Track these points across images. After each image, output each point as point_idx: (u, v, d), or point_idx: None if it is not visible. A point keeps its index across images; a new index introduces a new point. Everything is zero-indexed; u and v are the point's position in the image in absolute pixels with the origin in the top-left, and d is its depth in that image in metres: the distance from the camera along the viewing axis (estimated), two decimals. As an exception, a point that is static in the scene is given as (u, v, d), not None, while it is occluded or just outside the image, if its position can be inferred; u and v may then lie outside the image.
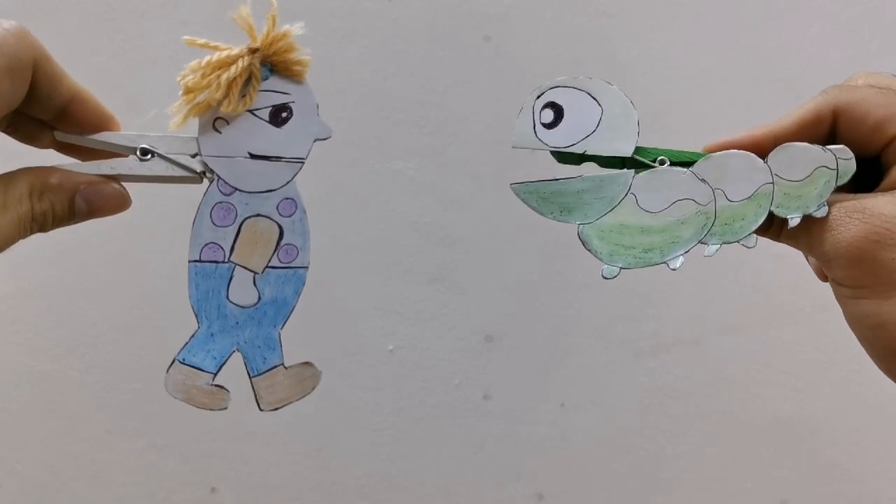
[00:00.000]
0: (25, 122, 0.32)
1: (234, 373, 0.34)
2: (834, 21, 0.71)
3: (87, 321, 0.67)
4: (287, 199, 0.34)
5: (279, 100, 0.33)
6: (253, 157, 0.33)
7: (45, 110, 0.31)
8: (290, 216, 0.34)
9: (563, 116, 0.34)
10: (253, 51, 0.32)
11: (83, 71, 0.32)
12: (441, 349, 0.69)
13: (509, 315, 0.69)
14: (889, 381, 0.34)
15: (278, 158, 0.33)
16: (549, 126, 0.34)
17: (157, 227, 0.64)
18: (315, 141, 0.34)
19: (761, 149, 0.36)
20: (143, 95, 0.66)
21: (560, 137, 0.34)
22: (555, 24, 0.70)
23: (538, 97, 0.34)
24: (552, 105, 0.34)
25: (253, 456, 0.68)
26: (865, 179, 0.35)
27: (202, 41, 0.32)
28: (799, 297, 0.70)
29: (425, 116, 0.69)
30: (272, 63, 0.33)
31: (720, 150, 0.36)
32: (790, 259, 0.41)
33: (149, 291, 0.67)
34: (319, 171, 0.71)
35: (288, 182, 0.34)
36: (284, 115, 0.33)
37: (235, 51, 0.32)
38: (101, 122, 0.32)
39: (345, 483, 0.69)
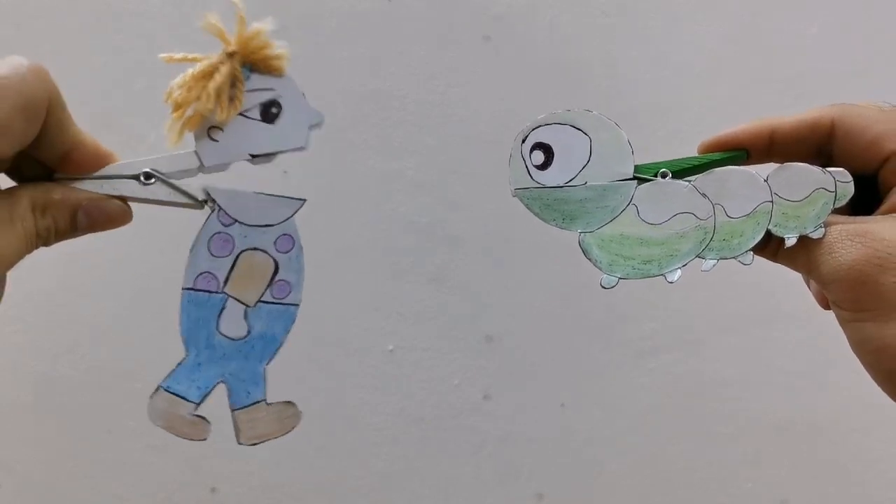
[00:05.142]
0: (27, 165, 0.32)
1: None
2: (834, 21, 0.71)
3: (87, 321, 0.67)
4: (285, 235, 0.34)
5: (266, 97, 0.33)
6: (254, 157, 0.33)
7: (48, 154, 0.31)
8: (286, 252, 0.34)
9: (553, 154, 0.34)
10: (230, 55, 0.32)
11: (83, 71, 0.32)
12: (441, 349, 0.69)
13: (509, 315, 0.69)
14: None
15: (280, 153, 0.33)
16: (542, 167, 0.34)
17: (156, 227, 0.63)
18: (311, 128, 0.33)
19: (759, 141, 0.36)
20: (144, 96, 0.66)
21: (556, 175, 0.34)
22: (555, 24, 0.70)
23: (523, 141, 0.34)
24: (539, 146, 0.34)
25: (253, 456, 0.68)
26: (861, 199, 0.35)
27: (179, 56, 0.32)
28: (799, 297, 0.70)
29: (425, 116, 0.69)
30: (251, 62, 0.33)
31: (715, 146, 0.36)
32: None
33: (148, 291, 0.67)
34: (319, 171, 0.71)
35: (288, 218, 0.34)
36: (274, 110, 0.33)
37: (214, 58, 0.32)
38: (100, 164, 0.32)
39: (345, 483, 0.69)
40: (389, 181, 0.68)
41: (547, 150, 0.34)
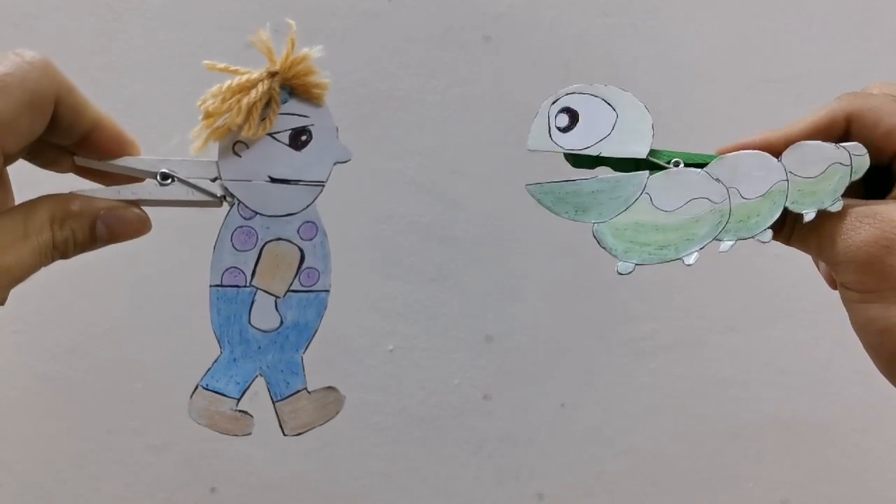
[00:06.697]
0: (45, 149, 0.32)
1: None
2: (834, 21, 0.71)
3: (87, 321, 0.67)
4: (308, 222, 0.34)
5: (298, 123, 0.33)
6: (273, 180, 0.33)
7: (67, 138, 0.31)
8: (310, 239, 0.34)
9: (577, 121, 0.35)
10: (272, 74, 0.32)
11: (83, 71, 0.32)
12: (441, 349, 0.69)
13: (509, 315, 0.69)
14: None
15: (297, 182, 0.33)
16: (565, 130, 0.35)
17: (157, 227, 0.64)
18: (335, 164, 0.34)
19: (774, 151, 0.36)
20: (144, 96, 0.66)
21: (575, 140, 0.35)
22: (555, 24, 0.70)
23: (553, 102, 0.35)
24: (567, 110, 0.35)
25: (253, 456, 0.68)
26: (877, 188, 0.36)
27: (222, 66, 0.32)
28: (799, 297, 0.70)
29: (425, 116, 0.69)
30: (291, 86, 0.32)
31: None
32: (790, 259, 0.41)
33: (149, 292, 0.67)
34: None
35: (308, 205, 0.34)
36: (304, 138, 0.33)
37: (255, 74, 0.32)
38: (122, 147, 0.32)
39: (345, 483, 0.69)
40: (389, 181, 0.68)
41: (573, 116, 0.35)
